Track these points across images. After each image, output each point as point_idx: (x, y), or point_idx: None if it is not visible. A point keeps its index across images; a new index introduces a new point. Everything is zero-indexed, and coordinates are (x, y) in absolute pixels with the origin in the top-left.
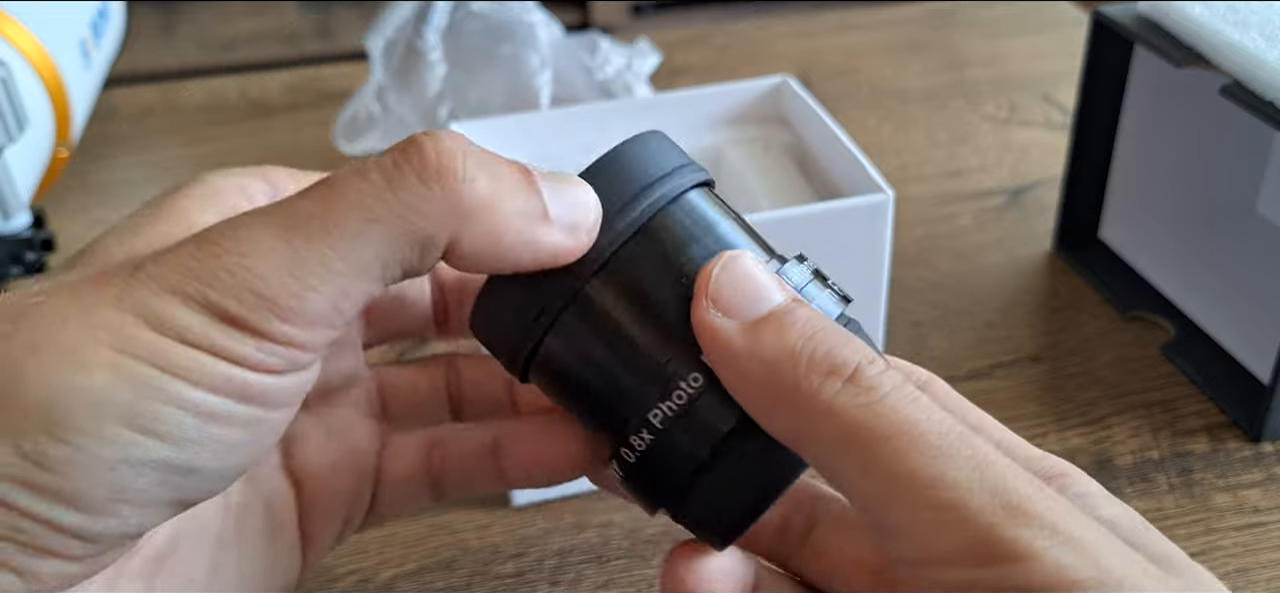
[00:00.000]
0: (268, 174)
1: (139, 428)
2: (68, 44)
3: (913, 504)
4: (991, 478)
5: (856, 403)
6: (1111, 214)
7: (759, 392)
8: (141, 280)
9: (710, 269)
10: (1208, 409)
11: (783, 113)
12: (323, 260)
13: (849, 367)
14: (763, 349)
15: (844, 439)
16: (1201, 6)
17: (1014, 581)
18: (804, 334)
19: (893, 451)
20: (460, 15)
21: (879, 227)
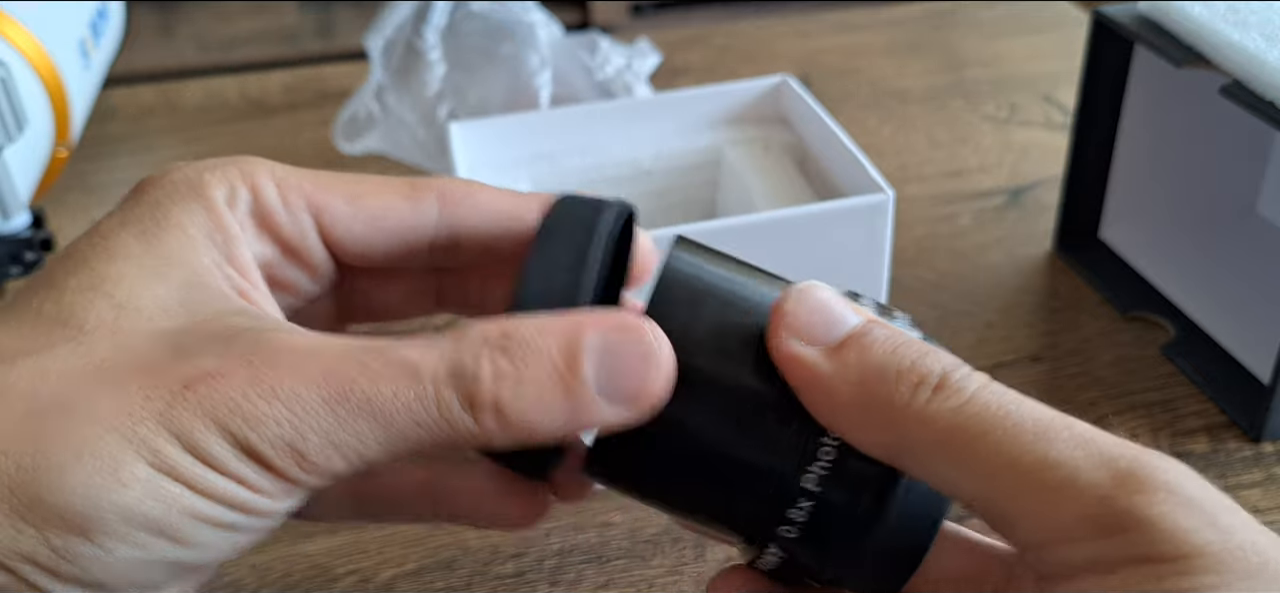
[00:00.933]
0: (251, 175)
1: (164, 536)
2: (67, 44)
3: (1022, 490)
4: (1096, 451)
5: (949, 407)
6: (1112, 214)
7: (850, 412)
8: (189, 404)
9: (781, 304)
10: (1208, 409)
11: (783, 113)
12: (360, 439)
13: (935, 374)
14: (849, 370)
15: (942, 444)
16: (1201, 6)
17: (1138, 549)
18: (887, 350)
19: (992, 446)
20: (460, 15)
21: (879, 227)
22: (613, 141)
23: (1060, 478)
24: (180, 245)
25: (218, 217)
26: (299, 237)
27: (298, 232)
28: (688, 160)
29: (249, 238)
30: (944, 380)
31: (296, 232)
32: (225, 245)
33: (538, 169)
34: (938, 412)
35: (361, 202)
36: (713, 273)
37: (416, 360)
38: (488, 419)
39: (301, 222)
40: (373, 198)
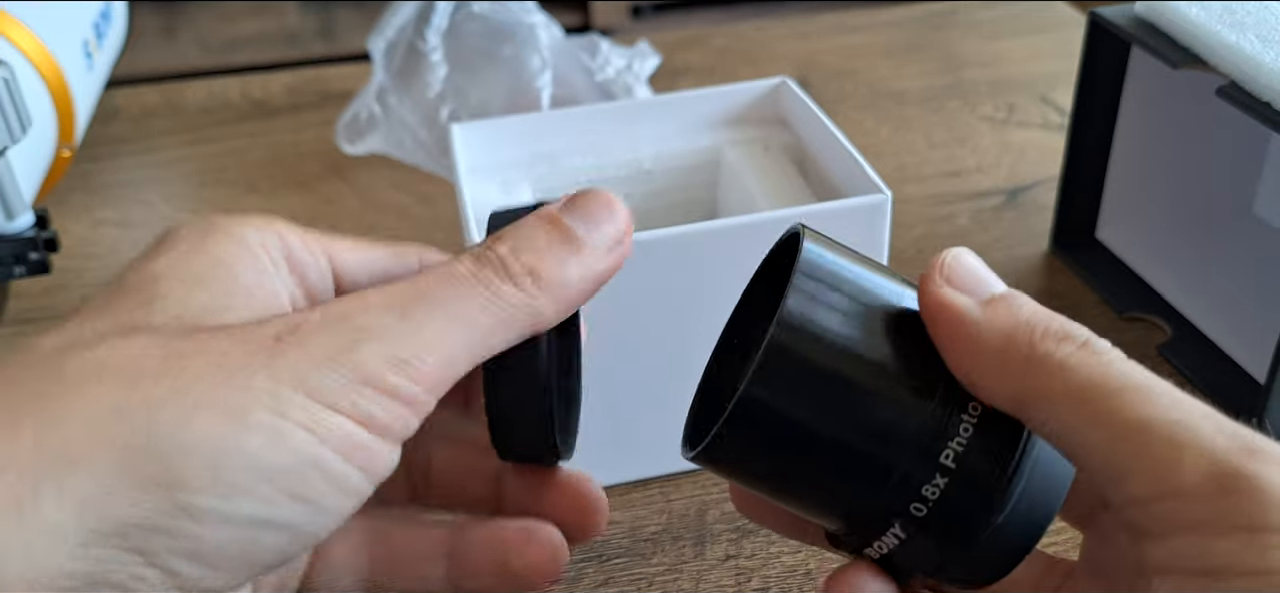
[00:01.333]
0: (273, 223)
1: (284, 490)
2: (70, 45)
3: (1149, 443)
4: (1223, 422)
5: (1091, 361)
6: (1108, 215)
7: (993, 359)
8: (288, 354)
9: (939, 259)
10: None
11: (781, 114)
12: (443, 337)
13: (1081, 335)
14: (998, 317)
15: (1080, 392)
16: (1198, 7)
17: (1248, 517)
18: (1034, 308)
19: (1129, 400)
20: (461, 17)
21: (877, 227)
22: (613, 143)
23: (1187, 437)
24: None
25: (253, 254)
26: (319, 278)
27: (318, 273)
28: (687, 161)
29: (282, 275)
30: (1088, 341)
31: (317, 273)
32: (259, 276)
33: (538, 170)
34: (1080, 363)
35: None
36: (843, 255)
37: (452, 267)
38: (527, 283)
39: (320, 263)
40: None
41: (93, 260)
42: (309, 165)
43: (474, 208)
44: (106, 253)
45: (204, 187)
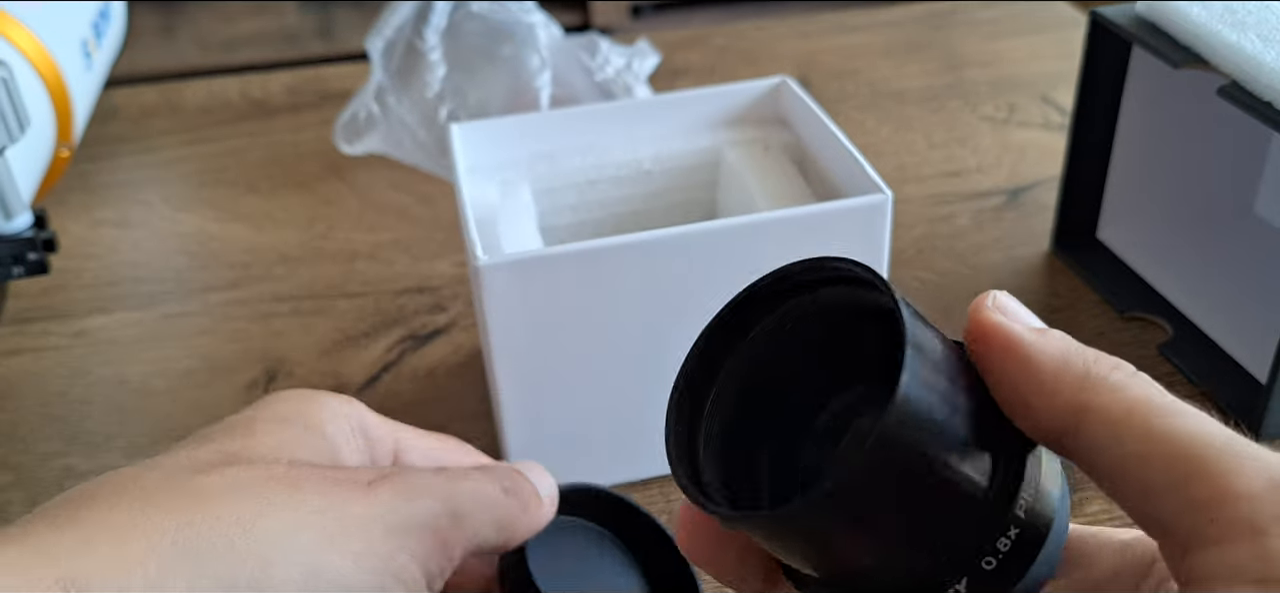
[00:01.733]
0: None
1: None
2: (69, 44)
3: (1209, 452)
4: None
5: (1144, 384)
6: (1109, 214)
7: (1048, 378)
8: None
9: (985, 295)
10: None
11: (782, 114)
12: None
13: (1130, 366)
14: (1053, 344)
15: (1137, 406)
16: (1199, 7)
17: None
18: (1084, 343)
19: (1184, 420)
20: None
21: (878, 227)
22: (613, 142)
23: (1245, 450)
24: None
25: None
26: (385, 451)
27: (385, 447)
28: (687, 161)
29: (356, 442)
30: (1137, 371)
31: (383, 447)
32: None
33: (538, 170)
34: (1134, 384)
35: (420, 437)
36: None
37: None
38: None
39: (387, 440)
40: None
41: (91, 260)
42: (308, 165)
43: (473, 207)
44: (105, 252)
45: (203, 186)
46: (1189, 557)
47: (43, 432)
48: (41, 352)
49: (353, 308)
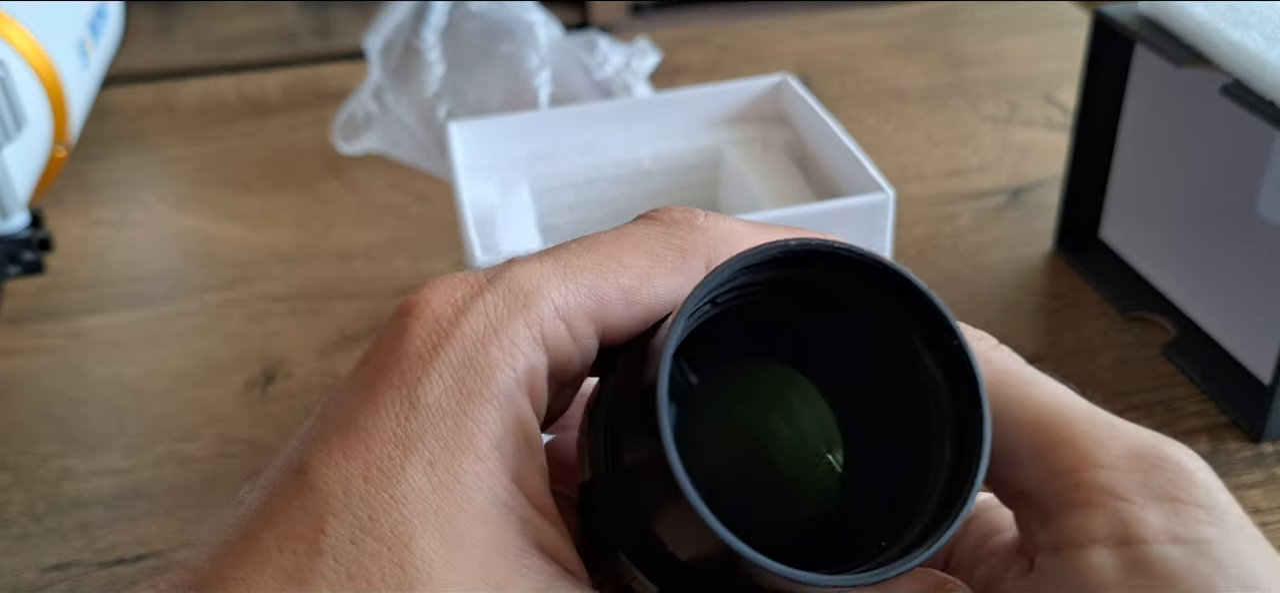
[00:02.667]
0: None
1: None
2: (66, 44)
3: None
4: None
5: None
6: (1112, 214)
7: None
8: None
9: None
10: (1208, 409)
11: (783, 112)
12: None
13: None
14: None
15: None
16: (1202, 6)
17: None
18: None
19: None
20: (459, 15)
21: (879, 226)
22: (612, 141)
23: (1106, 421)
24: (475, 487)
25: (516, 419)
26: (584, 366)
27: (584, 362)
28: (688, 160)
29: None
30: (998, 342)
31: (583, 362)
32: (516, 462)
33: (537, 169)
34: (994, 356)
35: (636, 298)
36: None
37: None
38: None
39: (589, 351)
40: (646, 289)
41: (88, 260)
42: (305, 164)
43: (471, 207)
44: (102, 252)
45: (200, 186)
46: (1051, 523)
47: (40, 432)
48: (38, 352)
49: (350, 308)
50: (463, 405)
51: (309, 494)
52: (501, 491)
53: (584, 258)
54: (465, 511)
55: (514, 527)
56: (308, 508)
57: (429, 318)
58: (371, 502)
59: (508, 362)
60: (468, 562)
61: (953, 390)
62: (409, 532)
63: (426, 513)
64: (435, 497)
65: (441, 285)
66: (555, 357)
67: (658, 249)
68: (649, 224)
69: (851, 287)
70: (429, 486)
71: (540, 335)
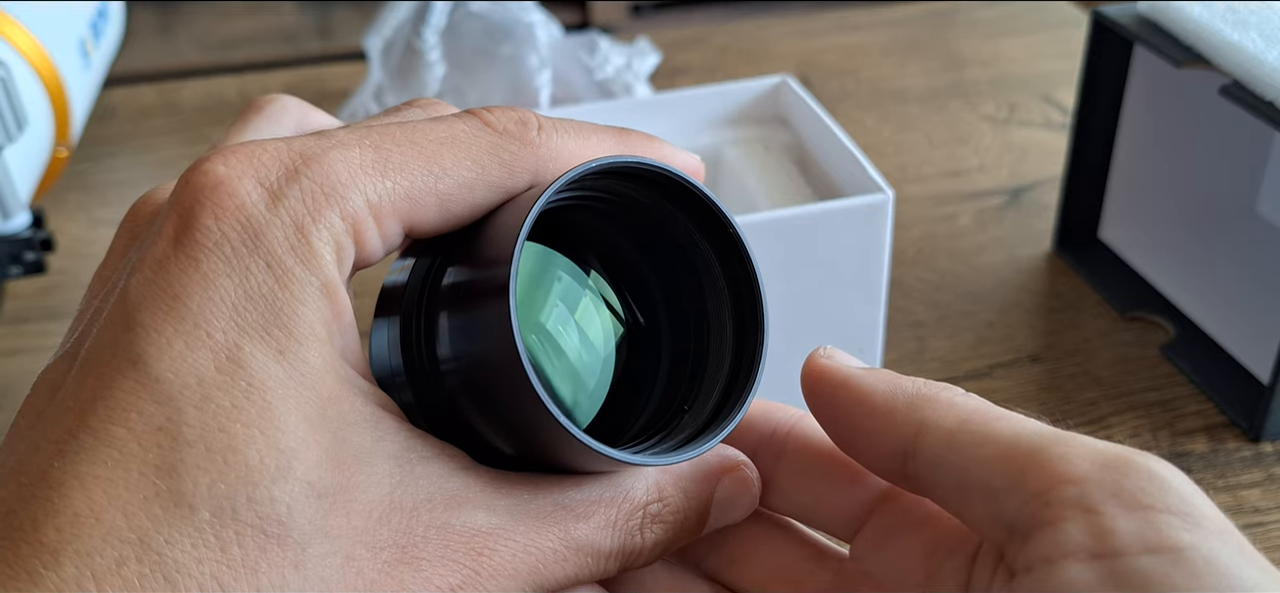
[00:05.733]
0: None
1: None
2: (67, 44)
3: (1042, 446)
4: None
5: (972, 399)
6: (1111, 214)
7: (881, 405)
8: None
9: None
10: (1207, 409)
11: (782, 113)
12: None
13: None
14: (879, 375)
15: (966, 419)
16: (1201, 7)
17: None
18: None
19: (1015, 423)
20: (459, 15)
21: (879, 227)
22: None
23: (1073, 440)
24: (323, 369)
25: (335, 297)
26: (384, 257)
27: (385, 254)
28: None
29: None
30: (968, 393)
31: (384, 255)
32: (343, 340)
33: None
34: (962, 400)
35: (451, 206)
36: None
37: (596, 546)
38: (628, 571)
39: (392, 245)
40: (465, 197)
41: (89, 260)
42: None
43: None
44: (103, 252)
45: None
46: (1028, 543)
47: None
48: (39, 352)
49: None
50: (292, 291)
51: (155, 386)
52: (344, 370)
53: (406, 155)
54: (318, 390)
55: (363, 399)
56: (160, 399)
57: (242, 198)
58: (231, 389)
59: (326, 249)
60: (334, 436)
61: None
62: (274, 414)
63: (287, 396)
64: (291, 381)
65: (248, 161)
66: (362, 249)
67: (485, 160)
68: (480, 129)
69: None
70: (283, 371)
71: (352, 226)
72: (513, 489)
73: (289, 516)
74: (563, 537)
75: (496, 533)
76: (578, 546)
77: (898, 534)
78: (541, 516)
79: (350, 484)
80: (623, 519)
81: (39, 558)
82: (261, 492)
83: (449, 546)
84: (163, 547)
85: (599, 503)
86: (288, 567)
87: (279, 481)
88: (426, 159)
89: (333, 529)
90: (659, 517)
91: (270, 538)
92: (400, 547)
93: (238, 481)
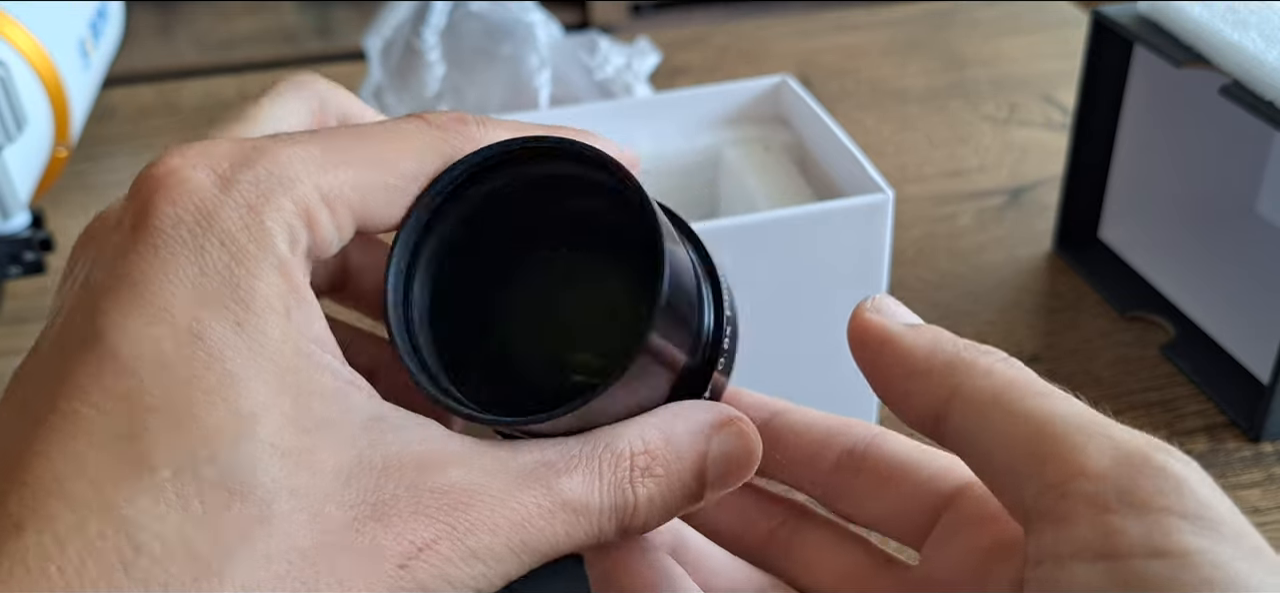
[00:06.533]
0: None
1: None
2: (67, 44)
3: (1066, 432)
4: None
5: (1011, 369)
6: (1111, 214)
7: (919, 365)
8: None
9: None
10: (1207, 409)
11: (782, 113)
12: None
13: (999, 352)
14: (923, 336)
15: (1003, 389)
16: (1201, 7)
17: (1155, 494)
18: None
19: (1048, 401)
20: (459, 15)
21: (878, 227)
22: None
23: (1096, 428)
24: (283, 339)
25: (290, 276)
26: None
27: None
28: (687, 160)
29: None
30: (1005, 355)
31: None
32: (305, 314)
33: None
34: (1001, 369)
35: (398, 200)
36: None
37: (584, 501)
38: (630, 535)
39: (347, 237)
40: (410, 191)
41: None
42: None
43: None
44: None
45: None
46: (1042, 537)
47: None
48: None
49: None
50: (247, 268)
51: (116, 361)
52: (305, 344)
53: (353, 150)
54: (278, 360)
55: (328, 374)
56: (120, 373)
57: (196, 184)
58: (190, 360)
59: (280, 231)
60: (295, 402)
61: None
62: (234, 381)
63: (246, 364)
64: (250, 351)
65: (201, 154)
66: (315, 234)
67: (426, 155)
68: (421, 126)
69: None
70: (241, 341)
71: (305, 214)
72: (493, 451)
73: (252, 473)
74: (546, 493)
75: (474, 489)
76: (564, 501)
77: (959, 533)
78: (522, 473)
79: (315, 445)
80: (609, 472)
81: (4, 531)
82: (223, 453)
83: (421, 502)
84: (124, 507)
85: (580, 457)
86: (253, 522)
87: (241, 441)
88: (372, 153)
89: (299, 486)
90: (648, 470)
91: (233, 494)
92: (370, 504)
93: (198, 443)
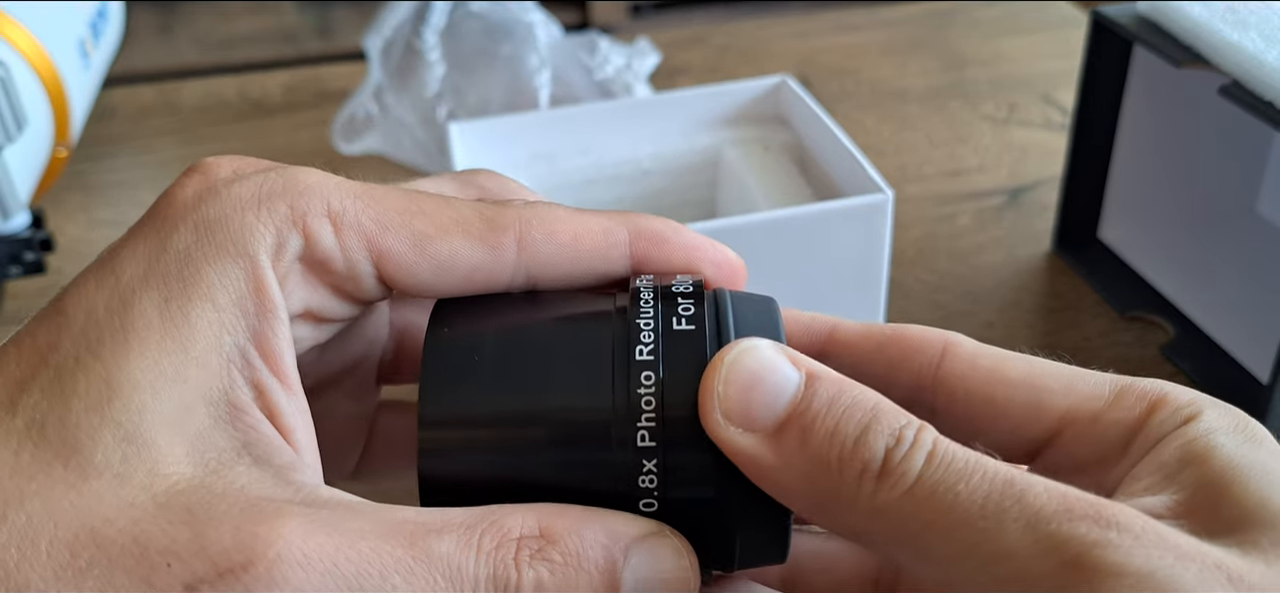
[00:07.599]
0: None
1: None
2: (67, 44)
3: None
4: (1045, 536)
5: (895, 497)
6: (1111, 214)
7: (806, 504)
8: None
9: (712, 378)
10: None
11: (782, 113)
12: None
13: (877, 458)
14: (794, 462)
15: (896, 536)
16: (1200, 6)
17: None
18: (827, 431)
19: (941, 536)
20: (459, 15)
21: (878, 227)
22: (612, 142)
23: (1010, 572)
24: (204, 330)
25: (258, 280)
26: (354, 280)
27: (352, 276)
28: (687, 160)
29: (294, 286)
30: (887, 465)
31: (351, 276)
32: (257, 322)
33: (537, 169)
34: (886, 503)
35: (428, 247)
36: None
37: (458, 564)
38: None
39: (358, 268)
40: (441, 241)
41: (89, 260)
42: (306, 165)
43: None
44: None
45: None
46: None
47: None
48: None
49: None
50: (206, 256)
51: (56, 318)
52: (231, 345)
53: (388, 195)
54: (187, 350)
55: (237, 382)
56: (51, 329)
57: (203, 179)
58: (108, 325)
59: (264, 230)
60: (172, 398)
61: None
62: (127, 352)
63: (146, 341)
64: (160, 329)
65: (231, 159)
66: (313, 246)
67: (467, 214)
68: (464, 187)
69: None
70: (158, 318)
71: (302, 220)
72: (366, 506)
73: (87, 445)
74: (409, 546)
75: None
76: (430, 559)
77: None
78: (387, 524)
79: (164, 444)
80: (489, 544)
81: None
82: (72, 416)
83: (241, 532)
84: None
85: (455, 524)
86: (63, 485)
87: (92, 411)
88: (407, 199)
89: (128, 474)
90: (541, 553)
91: (57, 457)
92: (190, 512)
93: (57, 400)
